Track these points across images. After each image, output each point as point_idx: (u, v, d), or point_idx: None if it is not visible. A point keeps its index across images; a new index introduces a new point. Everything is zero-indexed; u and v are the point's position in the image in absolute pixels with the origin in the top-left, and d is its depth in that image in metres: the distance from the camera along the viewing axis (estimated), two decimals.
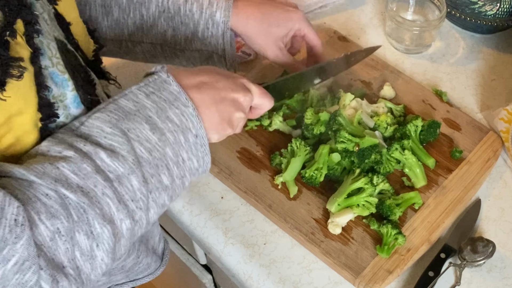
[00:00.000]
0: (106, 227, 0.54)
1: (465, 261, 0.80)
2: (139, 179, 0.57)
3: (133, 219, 0.57)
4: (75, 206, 0.52)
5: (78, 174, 0.53)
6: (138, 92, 0.60)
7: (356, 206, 0.82)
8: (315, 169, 0.84)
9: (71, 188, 0.52)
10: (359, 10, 1.16)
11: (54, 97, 0.57)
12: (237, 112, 0.67)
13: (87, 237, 0.53)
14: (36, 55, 0.55)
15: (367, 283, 0.77)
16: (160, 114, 0.59)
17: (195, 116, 0.61)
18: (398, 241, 0.79)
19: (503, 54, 1.08)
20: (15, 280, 0.48)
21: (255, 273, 0.82)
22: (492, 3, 1.04)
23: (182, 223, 0.89)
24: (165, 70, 0.62)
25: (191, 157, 0.62)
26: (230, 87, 0.66)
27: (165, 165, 0.59)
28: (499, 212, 0.87)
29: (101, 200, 0.54)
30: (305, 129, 0.88)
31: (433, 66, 1.06)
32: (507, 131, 0.91)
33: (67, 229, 0.51)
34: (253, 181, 0.88)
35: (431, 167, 0.88)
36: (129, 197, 0.56)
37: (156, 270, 0.84)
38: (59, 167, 0.53)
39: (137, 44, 0.84)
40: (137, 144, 0.57)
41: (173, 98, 0.61)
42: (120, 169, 0.55)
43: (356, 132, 0.85)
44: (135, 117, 0.58)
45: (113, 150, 0.56)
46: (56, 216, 0.51)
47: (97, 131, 0.56)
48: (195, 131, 0.61)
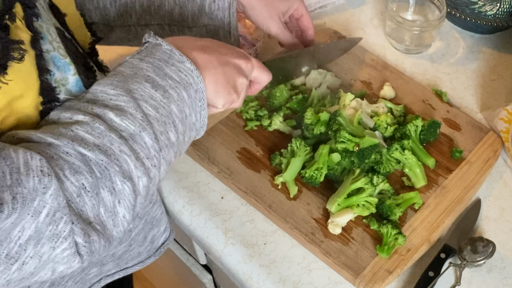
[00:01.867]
0: (127, 183, 0.54)
1: (465, 261, 0.80)
2: (151, 136, 0.57)
3: (149, 177, 0.57)
4: (96, 163, 0.53)
5: (93, 133, 0.54)
6: (131, 59, 0.61)
7: (356, 206, 0.82)
8: (315, 169, 0.84)
9: (88, 147, 0.53)
10: (359, 10, 1.16)
11: (56, 81, 0.58)
12: (241, 77, 0.67)
13: (110, 193, 0.53)
14: (36, 38, 0.56)
15: (367, 283, 0.77)
16: (158, 72, 0.60)
17: (194, 70, 0.61)
18: (398, 241, 0.79)
19: (503, 54, 1.08)
20: (49, 232, 0.49)
21: (255, 273, 0.82)
22: (492, 3, 1.04)
23: (182, 223, 0.89)
24: (152, 35, 0.63)
25: (191, 112, 0.62)
26: (232, 53, 0.67)
27: (171, 122, 0.59)
28: (499, 212, 0.87)
29: (119, 157, 0.54)
30: (305, 129, 0.88)
31: (433, 66, 1.06)
32: (507, 131, 0.91)
33: (92, 185, 0.52)
34: (253, 181, 0.88)
35: (431, 167, 0.88)
36: (144, 155, 0.56)
37: (146, 259, 0.84)
38: (73, 129, 0.53)
39: (145, 27, 0.85)
40: (142, 102, 0.57)
41: (167, 56, 0.61)
42: (131, 127, 0.56)
43: (356, 132, 0.85)
44: (134, 79, 0.58)
45: (120, 109, 0.56)
46: (80, 172, 0.51)
47: (102, 95, 0.57)
48: (196, 86, 0.61)
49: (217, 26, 0.84)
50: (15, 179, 0.48)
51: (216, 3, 0.83)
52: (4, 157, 0.49)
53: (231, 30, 0.85)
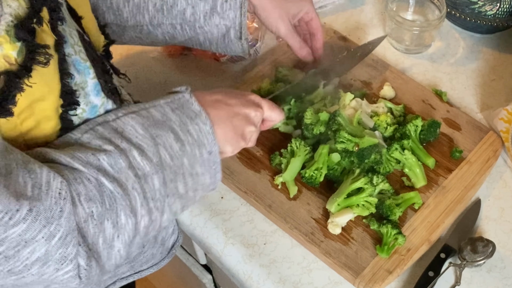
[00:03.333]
0: (131, 219, 0.57)
1: (465, 261, 0.80)
2: (160, 180, 0.60)
3: (151, 218, 0.60)
4: (109, 195, 0.56)
5: (114, 168, 0.57)
6: (165, 106, 0.65)
7: (356, 206, 0.82)
8: (315, 169, 0.84)
9: (110, 178, 0.56)
10: (359, 10, 1.16)
11: (76, 84, 0.59)
12: (249, 126, 0.72)
13: (112, 226, 0.56)
14: (60, 42, 0.57)
15: (367, 283, 0.77)
16: (183, 127, 0.64)
17: (211, 134, 0.65)
18: (398, 241, 0.79)
19: (503, 54, 1.08)
20: (58, 255, 0.51)
21: (255, 273, 0.82)
22: (492, 3, 1.04)
23: (182, 223, 0.89)
24: (189, 91, 0.67)
25: (205, 172, 0.66)
26: (241, 103, 0.71)
27: (181, 174, 0.63)
28: (499, 212, 0.87)
29: (131, 193, 0.57)
30: (305, 129, 0.88)
31: (433, 66, 1.06)
32: (507, 131, 0.91)
33: (99, 214, 0.54)
34: (253, 181, 0.87)
35: (431, 167, 0.88)
36: (151, 196, 0.59)
37: (160, 261, 0.84)
38: (100, 159, 0.56)
39: (157, 27, 0.85)
40: (162, 149, 0.61)
41: (194, 115, 0.65)
42: (147, 168, 0.59)
43: (356, 132, 0.85)
44: (162, 126, 0.63)
45: (142, 150, 0.59)
46: (93, 200, 0.54)
47: (131, 129, 0.60)
48: (209, 148, 0.65)
49: (228, 26, 0.85)
50: (36, 193, 0.50)
51: (228, 3, 0.83)
52: (30, 170, 0.51)
53: (242, 30, 0.85)
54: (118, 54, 1.09)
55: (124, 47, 1.10)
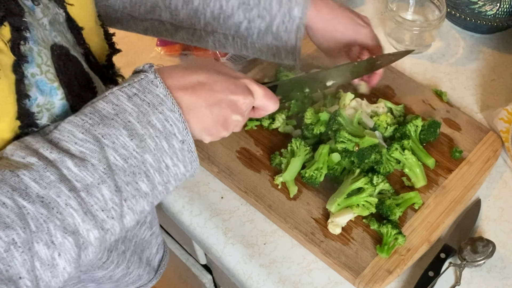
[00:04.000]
0: (68, 238, 0.51)
1: (465, 261, 0.80)
2: (111, 189, 0.53)
3: (103, 229, 0.54)
4: (34, 216, 0.49)
5: (40, 183, 0.50)
6: (119, 93, 0.56)
7: (356, 206, 0.82)
8: (315, 169, 0.84)
9: (29, 198, 0.50)
10: (359, 10, 1.16)
11: (38, 105, 0.55)
12: (234, 115, 0.63)
13: (47, 247, 0.50)
14: (19, 63, 0.53)
15: (367, 283, 0.77)
16: (142, 119, 0.55)
17: (181, 121, 0.57)
18: (398, 241, 0.79)
19: (503, 54, 1.08)
20: None
21: (255, 273, 0.82)
22: (492, 3, 1.04)
23: (182, 223, 0.89)
24: (153, 69, 0.58)
25: (177, 163, 0.58)
26: (228, 89, 0.63)
27: (143, 172, 0.56)
28: (499, 212, 0.87)
29: (64, 211, 0.51)
30: (305, 129, 0.88)
31: (433, 66, 1.06)
32: (507, 131, 0.91)
33: (24, 240, 0.49)
34: (253, 181, 0.87)
35: (431, 167, 0.88)
36: (99, 207, 0.53)
37: (149, 282, 0.83)
38: (20, 175, 0.50)
39: (210, 33, 0.84)
40: (111, 151, 0.54)
41: (158, 101, 0.56)
42: (89, 179, 0.52)
43: (356, 132, 0.85)
44: (112, 122, 0.54)
45: (83, 158, 0.52)
46: (12, 226, 0.48)
47: (68, 136, 0.53)
48: (181, 137, 0.57)
49: (279, 48, 0.84)
50: None
51: (285, 25, 0.82)
52: None
53: (296, 53, 0.84)
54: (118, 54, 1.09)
55: (124, 47, 1.10)
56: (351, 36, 0.86)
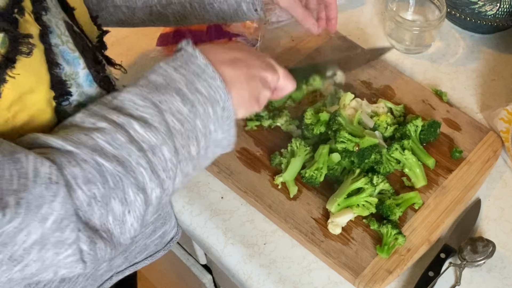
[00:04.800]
0: (140, 195, 0.55)
1: (465, 261, 0.80)
2: (171, 150, 0.57)
3: (163, 188, 0.57)
4: (112, 173, 0.53)
5: (113, 144, 0.54)
6: (166, 66, 0.60)
7: (356, 206, 0.82)
8: (315, 169, 0.84)
9: (107, 157, 0.53)
10: (359, 10, 1.16)
11: (66, 75, 0.58)
12: (265, 90, 0.67)
13: (121, 203, 0.54)
14: (45, 32, 0.56)
15: (367, 283, 0.77)
16: (190, 87, 0.59)
17: (223, 88, 0.61)
18: (398, 241, 0.79)
19: (503, 54, 1.08)
20: (54, 238, 0.50)
21: (255, 273, 0.82)
22: (492, 3, 1.04)
23: (182, 223, 0.89)
24: (190, 44, 0.62)
25: (217, 129, 0.62)
26: (260, 66, 0.67)
27: (194, 137, 0.59)
28: (499, 212, 0.87)
29: (136, 169, 0.54)
30: (305, 129, 0.88)
31: (433, 66, 1.06)
32: (507, 131, 0.91)
33: (103, 195, 0.52)
34: (253, 181, 0.87)
35: (431, 167, 0.88)
36: (161, 167, 0.56)
37: (155, 253, 0.83)
38: (94, 138, 0.53)
39: (166, 6, 0.84)
40: (169, 115, 0.58)
41: (201, 71, 0.61)
42: (153, 140, 0.56)
43: (356, 132, 0.85)
44: (166, 90, 0.58)
45: (145, 121, 0.56)
46: (93, 181, 0.52)
47: (129, 103, 0.57)
48: (222, 104, 0.61)
49: (239, 1, 0.83)
50: (22, 184, 0.48)
51: None
52: (15, 160, 0.49)
53: (254, 1, 0.83)
54: (117, 54, 1.09)
55: (124, 47, 1.10)
56: None
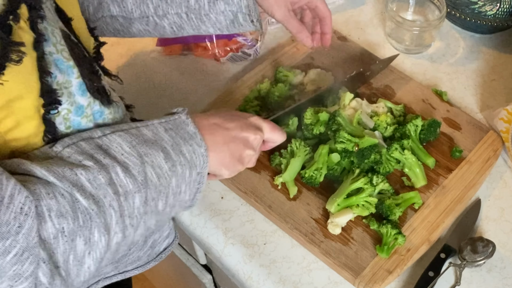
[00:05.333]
0: (105, 236, 0.56)
1: (465, 261, 0.80)
2: (142, 199, 0.59)
3: (124, 234, 0.59)
4: (83, 211, 0.54)
5: (93, 183, 0.56)
6: (158, 126, 0.64)
7: (355, 206, 0.82)
8: (314, 169, 0.84)
9: (84, 194, 0.55)
10: (359, 10, 1.16)
11: (58, 83, 0.58)
12: (247, 150, 0.72)
13: (84, 243, 0.55)
14: (40, 40, 0.56)
15: (367, 283, 0.77)
16: (175, 148, 0.63)
17: (205, 156, 0.66)
18: (398, 241, 0.79)
19: (503, 54, 1.08)
20: (12, 272, 0.49)
21: (255, 273, 0.82)
22: (492, 3, 1.04)
23: (182, 223, 0.89)
24: (185, 112, 0.67)
25: (186, 190, 0.66)
26: (240, 127, 0.71)
27: (166, 193, 0.62)
28: (499, 212, 0.87)
29: (107, 211, 0.56)
30: (305, 129, 0.88)
31: (433, 66, 1.06)
32: (507, 131, 0.91)
33: (71, 231, 0.53)
34: (253, 182, 0.87)
35: (431, 166, 0.88)
36: (128, 213, 0.58)
37: (146, 263, 0.83)
38: (77, 174, 0.55)
39: (163, 17, 0.84)
40: (150, 168, 0.60)
41: (189, 137, 0.65)
42: (130, 186, 0.58)
43: (355, 132, 0.85)
44: (153, 145, 0.62)
45: (127, 167, 0.59)
46: (65, 216, 0.53)
47: (117, 146, 0.59)
48: (200, 169, 0.66)
49: (235, 12, 0.83)
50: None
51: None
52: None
53: (251, 12, 0.83)
54: (118, 54, 1.09)
55: (124, 47, 1.10)
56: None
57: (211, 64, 1.07)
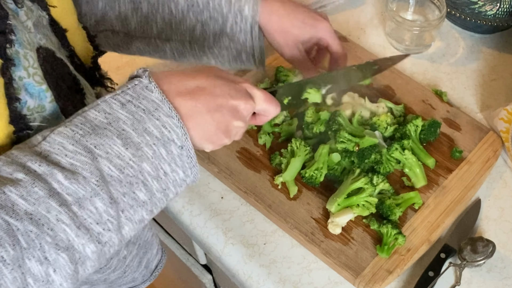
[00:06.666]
0: (61, 255, 0.49)
1: (465, 261, 0.80)
2: (105, 201, 0.51)
3: (99, 242, 0.52)
4: (24, 233, 0.47)
5: (28, 199, 0.48)
6: (112, 101, 0.54)
7: (356, 206, 0.82)
8: (315, 169, 0.84)
9: (16, 216, 0.47)
10: (359, 10, 1.16)
11: (29, 109, 0.55)
12: (236, 121, 0.61)
13: (40, 263, 0.48)
14: (7, 66, 0.53)
15: (367, 283, 0.77)
16: (137, 127, 0.53)
17: (180, 127, 0.55)
18: (398, 241, 0.79)
19: (503, 54, 1.08)
20: None
21: (255, 273, 0.82)
22: (492, 3, 1.04)
23: (182, 223, 0.89)
24: (147, 74, 0.56)
25: (176, 169, 0.56)
26: (229, 93, 0.60)
27: (141, 181, 0.54)
28: (499, 212, 0.87)
29: (55, 227, 0.49)
30: (306, 127, 0.88)
31: (433, 66, 1.06)
32: (507, 131, 0.91)
33: (13, 257, 0.46)
34: (253, 181, 0.87)
35: (431, 167, 0.88)
36: (93, 220, 0.51)
37: (141, 283, 0.83)
38: (6, 192, 0.48)
39: (165, 42, 0.83)
40: (105, 161, 0.52)
41: (154, 107, 0.54)
42: (81, 192, 0.50)
43: (356, 132, 0.85)
44: (105, 131, 0.52)
45: (73, 170, 0.50)
46: (1, 244, 0.46)
47: (58, 148, 0.51)
48: (180, 143, 0.55)
49: (239, 50, 0.82)
50: None
51: (238, 25, 0.80)
52: None
53: (255, 53, 0.82)
54: (117, 54, 1.09)
55: None
56: (310, 31, 0.83)
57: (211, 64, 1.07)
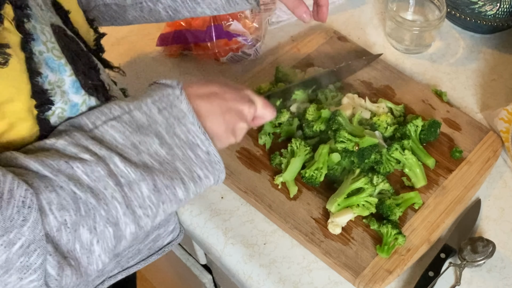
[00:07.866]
0: (109, 228, 0.55)
1: (465, 261, 0.80)
2: (149, 187, 0.58)
3: (139, 225, 0.58)
4: (85, 203, 0.54)
5: (91, 176, 0.55)
6: (152, 106, 0.61)
7: (356, 206, 0.82)
8: (315, 169, 0.84)
9: (82, 188, 0.54)
10: (359, 10, 1.16)
11: (50, 83, 0.57)
12: (241, 123, 0.69)
13: (89, 232, 0.54)
14: (27, 40, 0.55)
15: (367, 283, 0.77)
16: (169, 130, 0.61)
17: (201, 133, 0.62)
18: (398, 241, 0.79)
19: (503, 54, 1.08)
20: (19, 263, 0.49)
21: (255, 273, 0.82)
22: (492, 3, 1.04)
23: (182, 223, 0.89)
24: (180, 86, 0.63)
25: (208, 175, 0.63)
26: (236, 99, 0.68)
27: (179, 179, 0.60)
28: (499, 212, 0.87)
29: (110, 203, 0.55)
30: (306, 125, 0.88)
31: (433, 66, 1.06)
32: (507, 131, 0.91)
33: (74, 222, 0.53)
34: (253, 181, 0.87)
35: (431, 167, 0.88)
36: (138, 204, 0.57)
37: (148, 257, 0.83)
38: (74, 167, 0.54)
39: (157, 2, 0.83)
40: (147, 156, 0.59)
41: (182, 115, 0.62)
42: (132, 175, 0.57)
43: (356, 132, 0.85)
44: (146, 131, 0.60)
45: (126, 157, 0.57)
46: (66, 208, 0.52)
47: (110, 139, 0.58)
48: (205, 148, 0.63)
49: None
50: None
51: None
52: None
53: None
54: (118, 54, 1.09)
55: (124, 47, 1.10)
56: None
57: (211, 64, 1.07)
